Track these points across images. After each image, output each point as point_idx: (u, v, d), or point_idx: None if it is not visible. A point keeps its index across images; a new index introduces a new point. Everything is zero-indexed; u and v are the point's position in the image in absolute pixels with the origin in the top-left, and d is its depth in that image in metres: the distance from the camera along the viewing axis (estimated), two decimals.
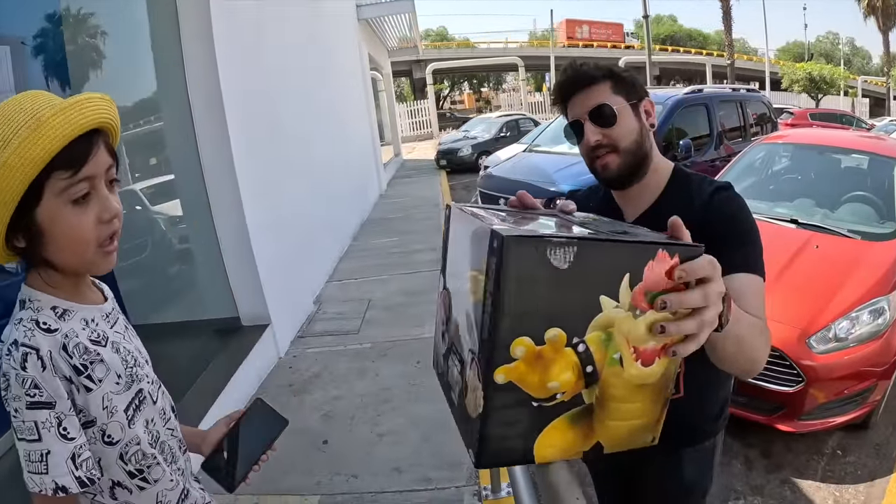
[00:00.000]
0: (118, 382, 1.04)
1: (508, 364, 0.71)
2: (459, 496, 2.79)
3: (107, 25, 4.33)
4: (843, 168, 4.78)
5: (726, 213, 1.35)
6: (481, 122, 19.47)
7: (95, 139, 0.98)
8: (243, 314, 4.49)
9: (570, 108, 1.44)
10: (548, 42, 39.05)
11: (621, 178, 1.42)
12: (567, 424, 0.76)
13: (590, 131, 1.38)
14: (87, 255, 0.99)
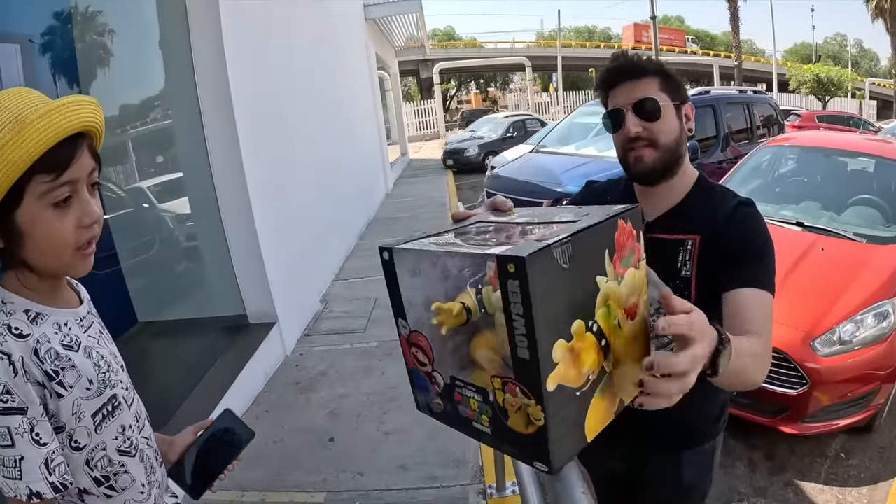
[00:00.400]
0: (89, 388, 1.02)
1: (554, 371, 0.74)
2: (464, 494, 2.81)
3: (116, 24, 4.36)
4: (849, 171, 4.78)
5: (747, 228, 1.35)
6: (488, 122, 19.45)
7: (79, 143, 0.97)
8: (250, 312, 4.52)
9: (613, 97, 1.42)
10: (555, 42, 39.01)
11: (653, 174, 1.41)
12: (600, 397, 0.82)
13: (632, 122, 1.37)
14: (64, 258, 0.98)
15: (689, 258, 1.39)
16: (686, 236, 1.40)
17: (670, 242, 1.41)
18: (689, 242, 1.39)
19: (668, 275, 1.37)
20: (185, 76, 4.09)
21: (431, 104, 31.32)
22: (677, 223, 1.43)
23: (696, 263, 1.38)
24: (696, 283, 1.38)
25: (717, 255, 1.34)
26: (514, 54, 38.57)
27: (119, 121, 4.57)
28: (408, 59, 26.47)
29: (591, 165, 6.62)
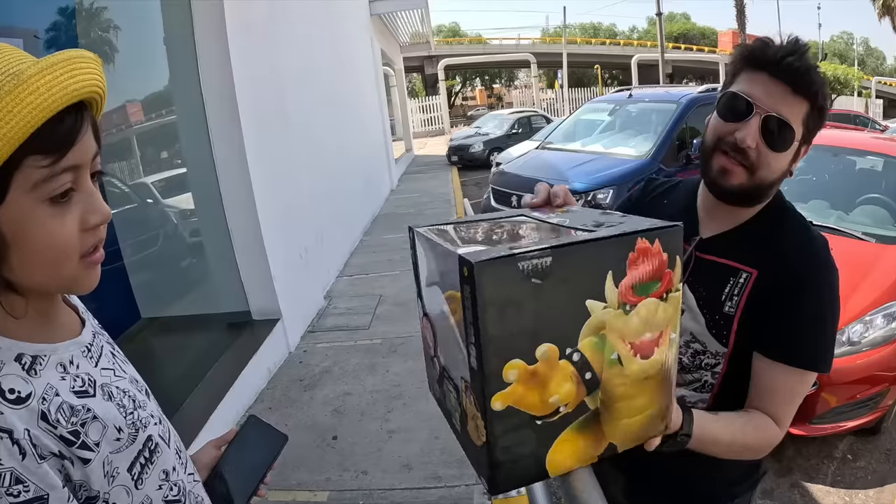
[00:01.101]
0: (119, 438, 0.77)
1: (503, 390, 0.68)
2: (469, 494, 2.79)
3: (119, 19, 4.34)
4: (857, 170, 4.74)
5: (809, 277, 1.12)
6: (493, 119, 19.41)
7: (84, 115, 0.72)
8: (254, 308, 4.51)
9: (752, 81, 1.11)
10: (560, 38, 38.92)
11: (729, 195, 1.16)
12: (576, 434, 0.75)
13: (751, 131, 1.09)
14: (66, 271, 0.74)
15: (739, 293, 1.17)
16: (741, 266, 1.18)
17: (721, 268, 1.20)
18: (743, 275, 1.17)
19: (709, 307, 1.21)
20: (188, 71, 4.08)
21: (436, 100, 31.26)
22: (735, 247, 1.21)
23: (745, 302, 1.16)
24: (738, 323, 1.17)
25: (768, 300, 1.14)
26: (519, 51, 38.44)
27: (123, 116, 4.56)
28: (413, 55, 26.47)
29: (597, 162, 6.60)
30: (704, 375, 1.24)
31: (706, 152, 1.18)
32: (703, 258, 1.23)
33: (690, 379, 1.27)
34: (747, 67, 1.13)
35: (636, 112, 7.43)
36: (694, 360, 1.25)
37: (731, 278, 1.18)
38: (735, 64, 1.16)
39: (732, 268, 1.19)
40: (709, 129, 1.19)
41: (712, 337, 1.21)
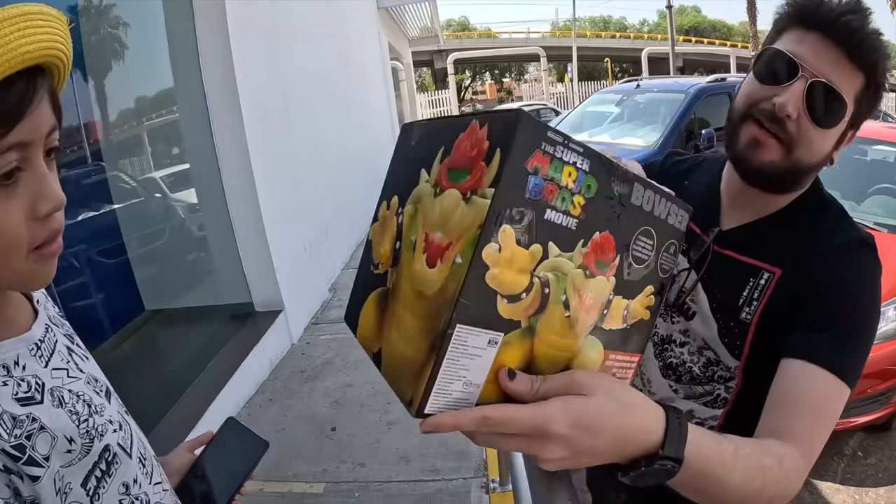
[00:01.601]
0: (70, 450, 0.67)
1: (374, 223, 0.76)
2: (466, 487, 2.75)
3: (121, 14, 4.34)
4: (869, 160, 4.66)
5: (849, 280, 0.93)
6: None
7: (39, 82, 0.60)
8: (257, 300, 4.50)
9: (800, 41, 0.92)
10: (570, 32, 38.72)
11: (757, 174, 0.97)
12: (374, 304, 0.71)
13: (794, 99, 0.89)
14: (13, 266, 0.63)
15: (758, 297, 0.99)
16: (762, 264, 1.00)
17: (740, 266, 1.03)
18: (765, 275, 0.99)
19: (723, 311, 1.03)
20: (190, 64, 4.06)
21: (446, 94, 31.16)
22: (760, 242, 1.02)
23: (764, 307, 0.98)
24: (754, 333, 1.00)
25: (794, 304, 0.94)
26: (528, 44, 38.29)
27: (125, 111, 4.55)
28: (422, 49, 26.39)
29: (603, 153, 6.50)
30: (717, 389, 1.07)
31: (735, 120, 0.98)
32: (721, 254, 1.05)
33: (701, 392, 1.10)
34: (795, 25, 0.94)
35: (644, 102, 7.35)
36: (706, 371, 1.08)
37: (750, 279, 1.01)
38: (781, 20, 0.97)
39: (753, 267, 1.01)
40: (741, 92, 0.99)
41: (724, 347, 1.04)
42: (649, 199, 0.65)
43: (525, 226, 0.56)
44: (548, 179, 0.57)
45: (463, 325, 0.56)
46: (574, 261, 0.61)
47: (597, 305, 0.64)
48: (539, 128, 0.56)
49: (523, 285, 0.58)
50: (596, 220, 0.61)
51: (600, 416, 0.61)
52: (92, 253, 4.08)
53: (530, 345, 0.61)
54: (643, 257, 0.66)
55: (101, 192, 4.30)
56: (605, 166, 0.61)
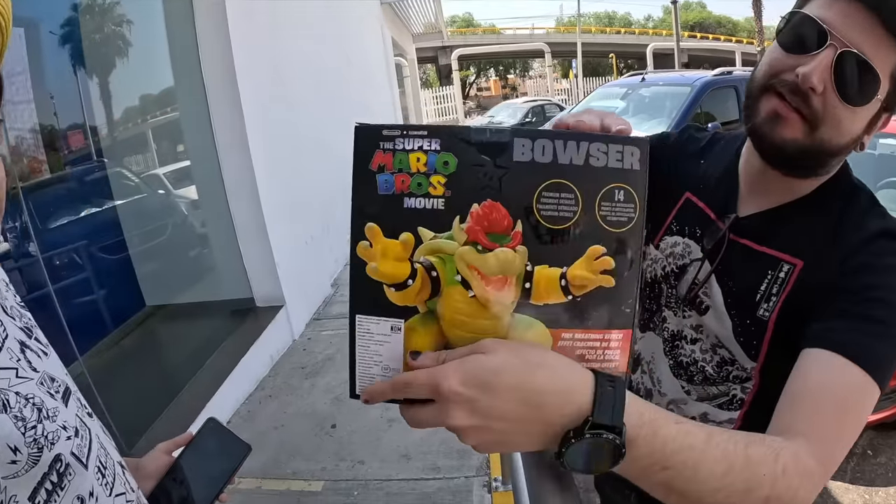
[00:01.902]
0: (15, 461, 0.58)
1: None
2: (468, 486, 2.70)
3: (121, 7, 4.32)
4: (878, 154, 4.59)
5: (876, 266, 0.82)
6: (507, 108, 19.32)
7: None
8: (257, 295, 4.48)
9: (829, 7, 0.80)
10: (574, 28, 38.60)
11: (777, 152, 0.86)
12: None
13: (820, 70, 0.79)
14: None
15: (778, 292, 0.89)
16: (782, 255, 0.90)
17: (758, 258, 0.93)
18: (785, 268, 0.89)
19: (738, 307, 0.94)
20: (190, 60, 4.04)
21: (450, 90, 31.10)
22: (781, 230, 0.92)
23: (784, 303, 0.88)
24: (772, 332, 0.90)
25: (819, 296, 0.83)
26: (533, 40, 38.13)
27: (125, 107, 4.53)
28: (426, 45, 26.40)
29: None
30: (733, 389, 0.98)
31: (754, 92, 0.88)
32: (737, 243, 0.96)
33: (716, 392, 1.00)
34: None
35: (650, 96, 7.29)
36: (720, 371, 0.98)
37: (769, 272, 0.91)
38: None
39: (772, 258, 0.91)
40: (763, 61, 0.89)
41: (739, 346, 0.94)
42: (548, 150, 0.59)
43: (386, 219, 0.59)
44: (396, 172, 0.59)
45: (361, 315, 0.62)
46: (456, 238, 0.59)
47: (510, 280, 0.60)
48: (372, 131, 0.59)
49: (406, 272, 0.60)
50: (468, 192, 0.59)
51: (496, 372, 0.56)
52: (93, 249, 4.09)
53: (437, 328, 0.62)
54: (562, 215, 0.59)
55: (101, 188, 4.30)
56: (461, 136, 0.59)
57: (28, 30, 3.66)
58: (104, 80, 4.39)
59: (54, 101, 3.87)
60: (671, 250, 1.06)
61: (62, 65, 3.98)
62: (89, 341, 3.73)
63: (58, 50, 3.93)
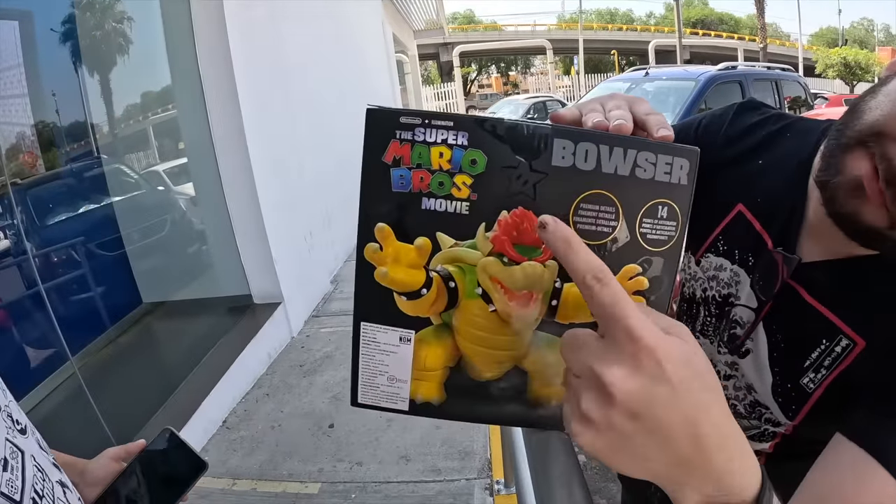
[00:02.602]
0: None
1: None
2: (470, 489, 2.62)
3: (118, 2, 4.29)
4: None
5: None
6: (508, 104, 19.27)
7: None
8: (255, 292, 4.42)
9: None
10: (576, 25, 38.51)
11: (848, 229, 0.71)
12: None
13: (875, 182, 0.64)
14: None
15: (830, 366, 0.76)
16: (845, 327, 0.75)
17: (816, 319, 0.78)
18: (843, 342, 0.75)
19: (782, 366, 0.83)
20: (186, 56, 3.97)
21: (451, 87, 31.12)
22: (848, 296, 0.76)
23: (833, 380, 0.77)
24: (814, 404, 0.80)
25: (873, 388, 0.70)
26: (534, 37, 38.12)
27: (121, 103, 4.50)
28: (427, 42, 26.38)
29: None
30: (765, 426, 0.89)
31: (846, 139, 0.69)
32: (796, 292, 0.80)
33: (747, 425, 0.91)
34: None
35: (653, 91, 7.21)
36: (752, 411, 0.89)
37: (824, 340, 0.77)
38: None
39: (832, 326, 0.76)
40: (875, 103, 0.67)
41: (776, 404, 0.84)
42: (591, 155, 0.51)
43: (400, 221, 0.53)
44: (414, 167, 0.52)
45: (366, 323, 0.57)
46: (479, 248, 0.53)
47: (535, 296, 0.54)
48: (389, 117, 0.52)
49: (420, 281, 0.55)
50: (497, 198, 0.52)
51: (712, 400, 0.40)
52: (90, 245, 4.05)
53: (451, 342, 0.57)
54: (599, 230, 0.52)
55: (97, 184, 4.26)
56: (494, 132, 0.51)
57: (22, 23, 3.60)
58: (100, 75, 4.34)
59: (49, 96, 3.81)
60: (715, 273, 0.92)
61: (57, 59, 3.92)
62: (85, 338, 3.70)
63: (53, 44, 3.87)
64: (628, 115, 0.57)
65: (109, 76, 4.37)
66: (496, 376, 0.58)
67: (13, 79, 3.51)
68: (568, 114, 0.61)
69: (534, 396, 0.58)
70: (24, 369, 3.16)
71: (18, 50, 3.53)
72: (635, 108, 0.58)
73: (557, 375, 0.57)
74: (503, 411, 0.60)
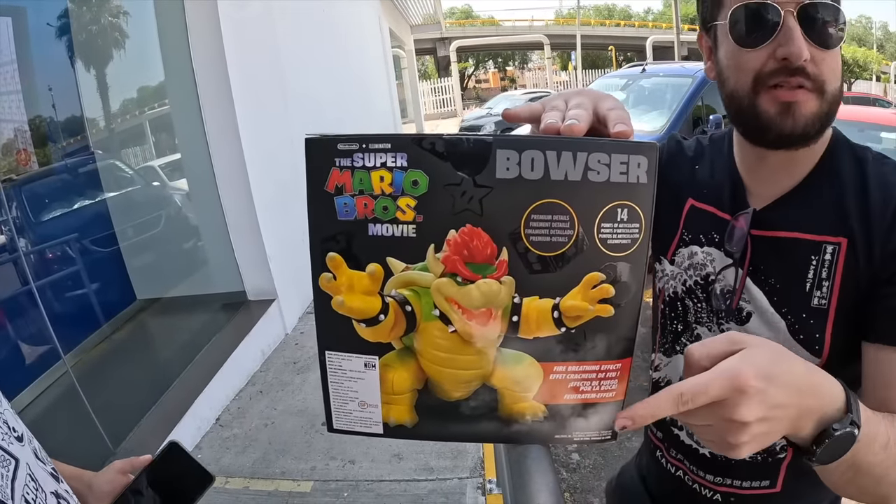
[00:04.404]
0: None
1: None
2: (462, 488, 2.64)
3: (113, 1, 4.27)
4: (881, 149, 4.53)
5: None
6: (505, 100, 19.26)
7: None
8: (249, 289, 4.44)
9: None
10: (574, 20, 38.45)
11: (804, 136, 0.81)
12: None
13: (798, 38, 0.76)
14: None
15: (829, 276, 0.83)
16: (822, 237, 0.84)
17: (794, 245, 0.86)
18: (829, 249, 0.83)
19: (790, 302, 0.87)
20: (180, 52, 3.97)
21: (448, 82, 31.05)
22: (810, 212, 0.86)
23: (840, 287, 0.83)
24: (834, 320, 0.84)
25: (868, 276, 0.81)
26: (532, 32, 38.03)
27: (114, 99, 4.50)
28: (424, 36, 26.24)
29: None
30: None
31: (744, 100, 0.84)
32: (764, 237, 0.89)
33: None
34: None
35: (650, 87, 7.19)
36: None
37: (812, 257, 0.85)
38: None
39: (811, 243, 0.85)
40: (729, 70, 0.86)
41: (799, 344, 0.86)
42: (538, 163, 0.50)
43: (349, 248, 0.53)
44: (356, 194, 0.52)
45: (330, 351, 0.59)
46: (431, 269, 0.53)
47: (494, 314, 0.54)
48: (328, 145, 0.52)
49: (376, 307, 0.55)
50: (443, 217, 0.51)
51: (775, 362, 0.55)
52: (83, 242, 4.05)
53: (415, 365, 0.58)
54: (555, 241, 0.51)
55: (91, 181, 4.26)
56: (433, 149, 0.50)
57: (16, 19, 3.59)
58: (94, 71, 4.33)
59: (43, 93, 3.80)
60: (689, 262, 0.98)
61: (51, 55, 3.91)
62: (78, 336, 3.70)
63: (46, 40, 3.86)
64: (586, 113, 0.57)
65: (103, 74, 4.37)
66: (465, 395, 0.58)
67: (7, 75, 3.50)
68: (524, 111, 0.63)
69: (506, 413, 0.58)
70: (16, 368, 3.15)
71: (11, 46, 3.52)
72: (598, 105, 0.59)
73: (527, 391, 0.57)
74: (478, 429, 0.60)
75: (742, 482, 0.98)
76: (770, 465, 0.94)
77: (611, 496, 1.35)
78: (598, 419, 0.58)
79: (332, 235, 0.53)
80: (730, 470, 0.98)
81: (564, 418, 0.58)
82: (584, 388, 0.57)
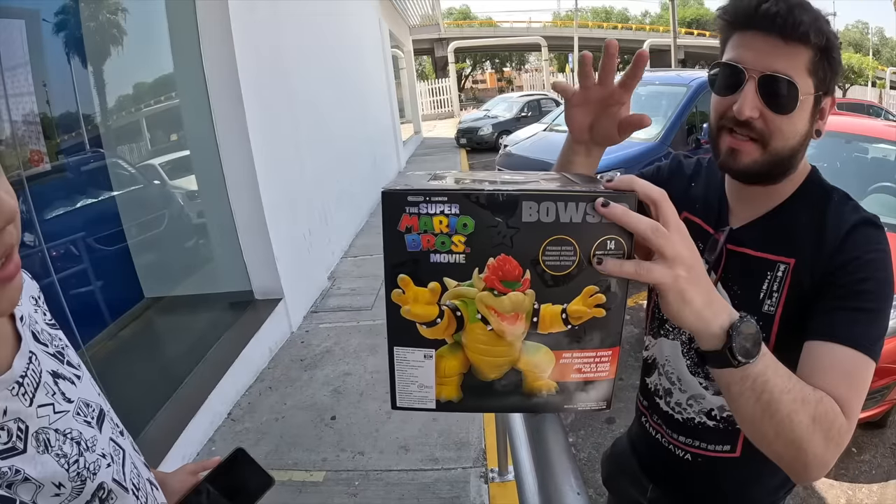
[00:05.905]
0: (59, 493, 0.61)
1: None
2: (465, 477, 2.77)
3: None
4: (870, 158, 4.65)
5: (861, 259, 0.96)
6: (502, 102, 19.30)
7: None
8: (256, 288, 4.50)
9: (739, 45, 0.99)
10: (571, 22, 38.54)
11: (746, 176, 1.04)
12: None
13: (749, 100, 0.96)
14: None
15: (778, 289, 1.04)
16: (777, 257, 1.05)
17: (756, 262, 1.07)
18: (781, 267, 1.04)
19: (747, 307, 1.05)
20: (191, 52, 4.04)
21: (446, 83, 31.05)
22: (771, 236, 1.07)
23: (786, 298, 1.03)
24: (779, 324, 1.04)
25: (812, 290, 0.99)
26: (529, 34, 38.09)
27: (125, 97, 4.54)
28: (422, 37, 26.28)
29: None
30: None
31: (713, 135, 1.08)
32: (735, 252, 1.10)
33: None
34: (731, 31, 1.02)
35: (645, 95, 7.30)
36: None
37: (768, 273, 1.05)
38: (721, 32, 1.05)
39: (768, 261, 1.05)
40: (711, 109, 1.07)
41: None
42: (552, 211, 0.69)
43: (416, 271, 0.70)
44: (422, 232, 0.69)
45: (398, 347, 0.76)
46: (475, 286, 0.71)
47: (521, 316, 0.73)
48: (399, 197, 0.68)
49: (434, 314, 0.73)
50: (484, 249, 0.70)
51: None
52: (91, 240, 4.07)
53: (463, 355, 0.76)
54: (563, 264, 0.71)
55: (100, 179, 4.28)
56: (477, 201, 0.68)
57: (28, 21, 3.67)
58: (105, 70, 4.38)
59: (55, 92, 3.86)
60: None
61: (62, 55, 3.97)
62: (87, 333, 3.71)
63: (58, 40, 3.92)
64: None
65: (114, 73, 4.41)
66: (498, 377, 0.77)
67: (20, 77, 3.59)
68: None
69: (528, 389, 0.78)
70: None
71: (25, 48, 3.61)
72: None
73: (544, 372, 0.77)
74: (506, 402, 0.79)
75: (708, 445, 1.19)
76: (731, 433, 1.15)
77: (605, 463, 1.57)
78: (596, 392, 0.78)
79: (402, 262, 0.70)
80: (698, 433, 1.19)
81: (571, 392, 0.78)
82: (585, 370, 0.77)
